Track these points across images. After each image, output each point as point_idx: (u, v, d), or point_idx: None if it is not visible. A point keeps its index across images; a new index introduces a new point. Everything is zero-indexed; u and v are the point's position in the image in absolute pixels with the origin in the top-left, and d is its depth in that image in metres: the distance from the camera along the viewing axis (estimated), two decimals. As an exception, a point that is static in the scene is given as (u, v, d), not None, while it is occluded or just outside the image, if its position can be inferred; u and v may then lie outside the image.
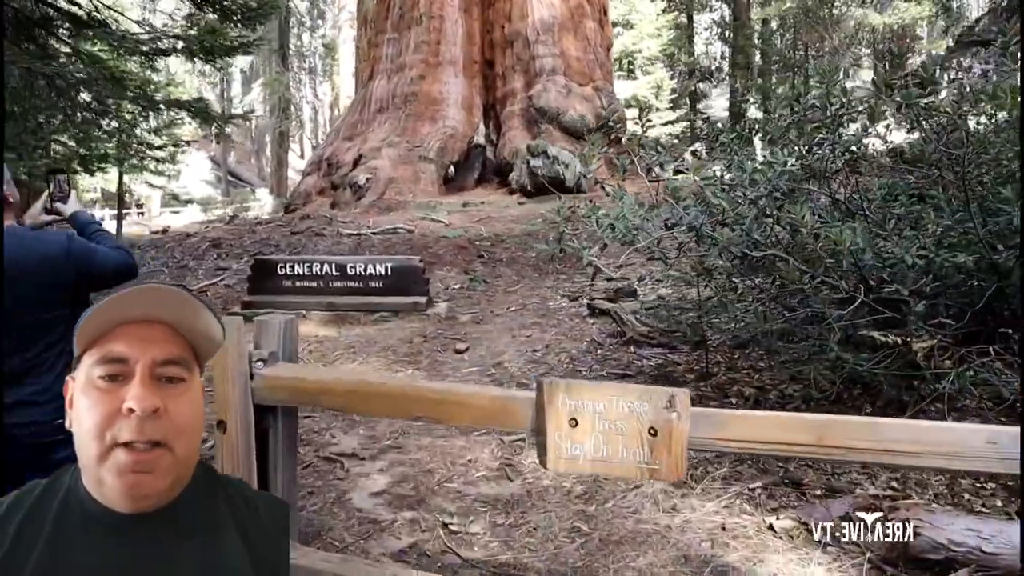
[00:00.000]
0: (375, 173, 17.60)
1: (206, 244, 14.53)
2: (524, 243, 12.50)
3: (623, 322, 7.03)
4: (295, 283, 8.99)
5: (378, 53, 21.04)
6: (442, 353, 7.20)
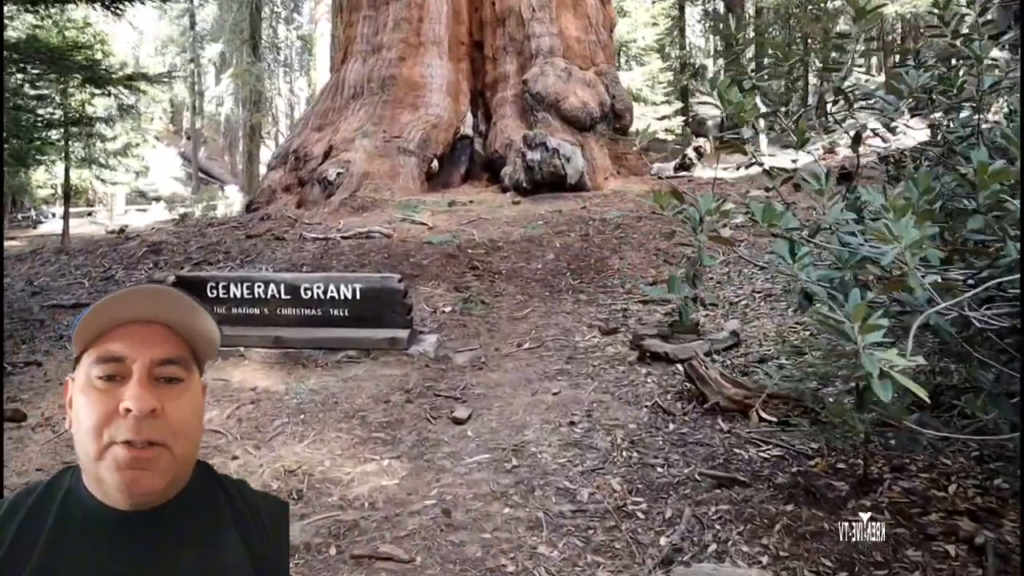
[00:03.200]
0: (347, 167, 15.21)
1: (144, 250, 12.12)
2: (526, 251, 10.21)
3: (703, 380, 4.77)
4: (231, 309, 6.65)
5: (352, 33, 18.62)
6: (434, 423, 4.92)
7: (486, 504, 3.75)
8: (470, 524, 3.56)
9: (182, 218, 21.15)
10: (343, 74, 18.08)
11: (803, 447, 4.09)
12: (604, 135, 16.65)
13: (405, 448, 4.51)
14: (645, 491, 3.82)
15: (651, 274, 8.97)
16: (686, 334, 6.08)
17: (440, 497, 3.83)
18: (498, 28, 17.74)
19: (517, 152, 15.20)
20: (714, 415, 4.65)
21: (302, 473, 4.17)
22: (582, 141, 15.79)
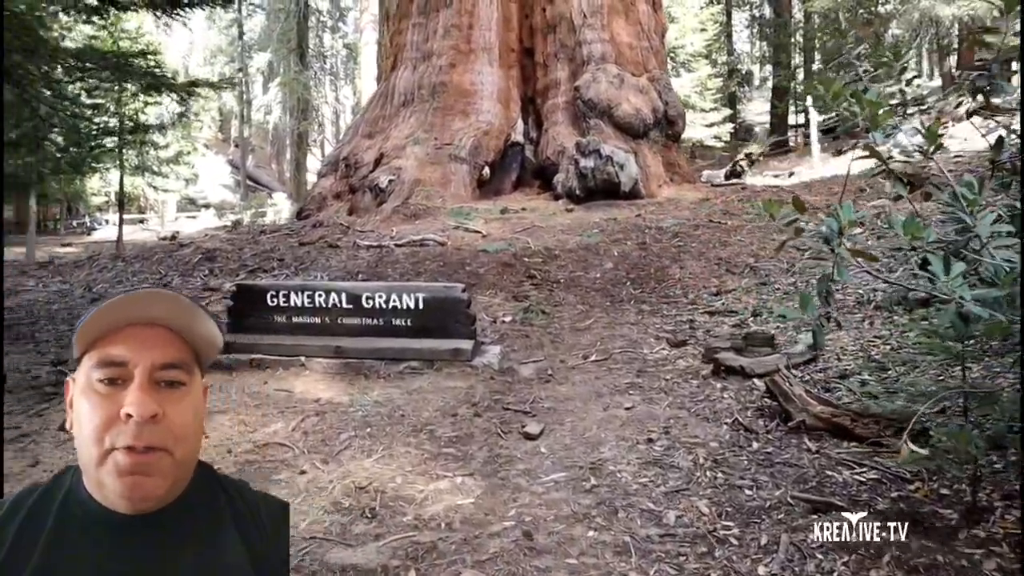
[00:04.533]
0: (399, 174, 15.18)
1: (199, 257, 12.20)
2: (583, 259, 10.04)
3: (787, 396, 4.54)
4: (291, 318, 6.57)
5: (401, 40, 18.63)
6: (504, 438, 4.76)
7: (568, 527, 3.57)
8: (554, 548, 3.38)
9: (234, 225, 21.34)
10: (393, 81, 18.09)
11: (900, 470, 3.85)
12: (657, 142, 16.42)
13: (477, 465, 4.35)
14: (735, 515, 3.61)
15: (714, 284, 8.74)
16: (760, 347, 5.85)
17: (519, 518, 3.66)
18: (549, 35, 17.61)
19: (569, 159, 15.04)
20: (799, 434, 4.42)
21: (373, 490, 4.03)
22: (635, 148, 15.58)
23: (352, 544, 3.45)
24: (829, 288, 2.26)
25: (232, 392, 5.78)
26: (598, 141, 14.82)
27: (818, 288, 2.29)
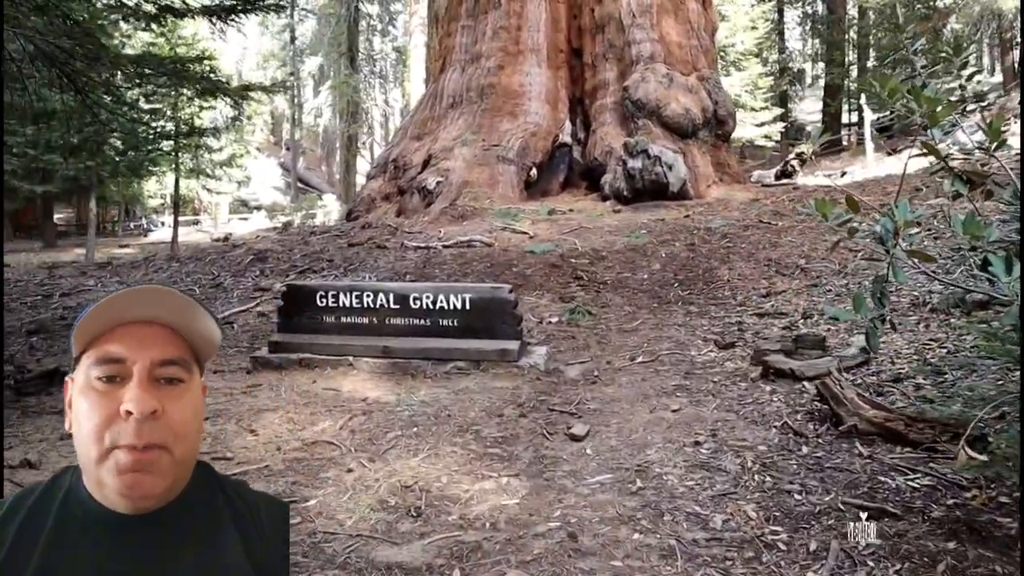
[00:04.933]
0: (447, 176, 15.26)
1: (250, 258, 12.39)
2: (631, 260, 9.97)
3: (838, 400, 4.45)
4: (339, 318, 6.64)
5: (450, 43, 18.73)
6: (550, 439, 4.74)
7: (613, 528, 3.54)
8: (599, 550, 3.36)
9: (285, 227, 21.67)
10: (441, 83, 18.19)
11: (956, 477, 3.74)
12: (706, 142, 16.25)
13: (523, 465, 4.34)
14: (784, 520, 3.55)
15: (763, 286, 8.60)
16: (811, 349, 5.75)
17: (564, 519, 3.65)
18: (597, 35, 17.55)
19: (617, 160, 14.96)
20: (850, 438, 4.33)
21: (419, 489, 4.05)
22: (684, 148, 15.44)
23: (398, 542, 3.46)
24: (884, 289, 2.20)
25: (282, 391, 5.86)
26: (646, 141, 14.72)
27: (872, 289, 2.23)
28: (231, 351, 7.55)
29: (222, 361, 7.15)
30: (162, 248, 20.27)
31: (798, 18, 52.72)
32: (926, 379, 5.22)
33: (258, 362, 6.63)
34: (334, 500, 3.92)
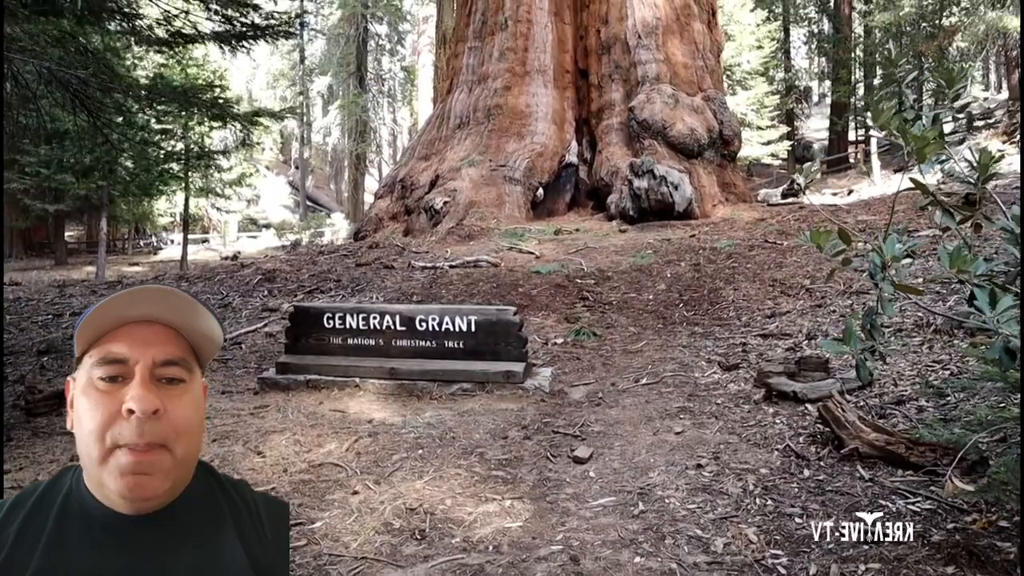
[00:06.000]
0: (453, 196, 15.37)
1: (259, 277, 12.48)
2: (636, 281, 10.02)
3: (839, 423, 4.49)
4: (346, 340, 6.71)
5: (458, 64, 18.90)
6: (554, 461, 4.78)
7: (615, 552, 3.58)
8: (600, 573, 3.40)
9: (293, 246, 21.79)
10: (449, 104, 18.33)
11: (957, 501, 3.77)
12: (712, 161, 16.33)
13: (526, 488, 4.38)
14: (784, 543, 3.58)
15: (768, 306, 8.64)
16: (814, 371, 5.78)
17: (566, 542, 3.69)
18: (603, 56, 17.68)
19: (623, 180, 15.05)
20: (852, 461, 4.36)
21: (423, 512, 4.09)
22: (690, 168, 15.51)
23: (402, 565, 3.51)
24: (873, 322, 2.25)
25: (289, 412, 5.91)
26: (652, 161, 14.80)
27: (863, 322, 2.28)
28: (239, 372, 7.62)
29: (230, 382, 7.22)
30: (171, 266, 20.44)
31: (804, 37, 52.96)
32: (928, 401, 5.25)
33: (266, 383, 6.70)
34: (339, 522, 3.97)
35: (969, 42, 29.31)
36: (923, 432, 4.49)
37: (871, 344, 2.26)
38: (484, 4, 18.50)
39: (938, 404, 5.20)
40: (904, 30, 37.21)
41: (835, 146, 41.82)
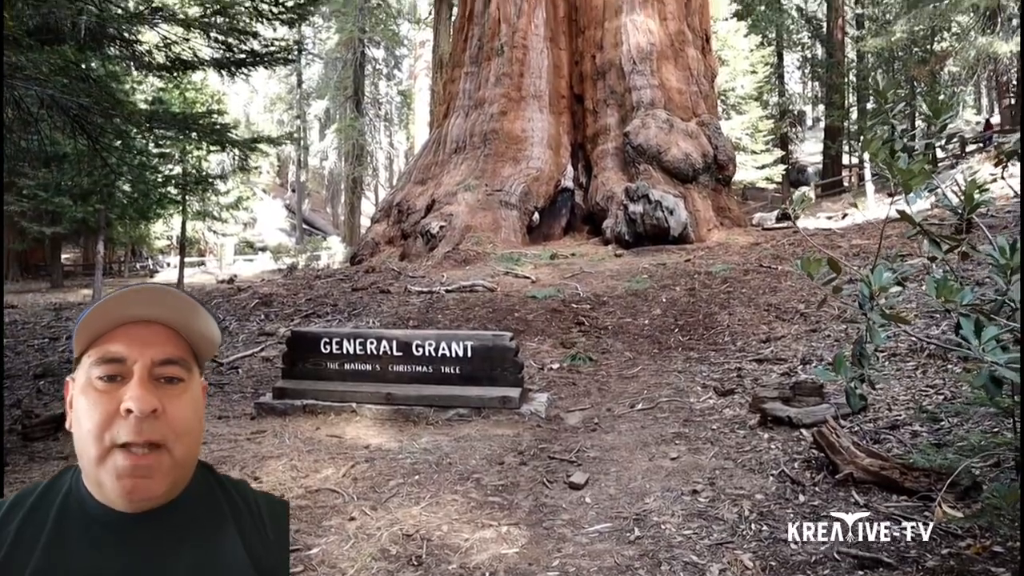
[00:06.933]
0: (450, 220, 15.44)
1: (255, 302, 12.50)
2: (631, 305, 10.06)
3: (834, 448, 4.51)
4: (343, 365, 6.73)
5: (454, 89, 19.06)
6: (550, 487, 4.80)
7: (611, 578, 3.60)
8: (596, 600, 3.42)
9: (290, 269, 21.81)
10: (445, 129, 18.46)
11: (951, 526, 3.79)
12: (707, 186, 16.45)
13: (522, 514, 4.40)
14: (780, 569, 3.60)
15: (763, 331, 8.68)
16: (809, 396, 5.81)
17: (563, 569, 3.70)
18: (599, 81, 17.84)
19: (619, 204, 15.14)
20: (847, 487, 4.38)
21: (420, 538, 4.11)
22: (684, 192, 15.62)
23: (398, 592, 3.52)
24: (864, 350, 2.29)
25: (285, 437, 5.92)
26: (647, 186, 14.90)
27: (853, 350, 2.32)
28: (235, 396, 7.63)
29: (227, 407, 7.23)
30: (168, 290, 20.38)
31: (797, 61, 53.43)
32: (922, 426, 5.28)
33: (262, 408, 6.71)
34: (336, 549, 3.98)
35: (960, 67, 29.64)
36: (917, 457, 4.52)
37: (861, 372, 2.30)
38: (480, 30, 18.68)
39: (932, 429, 5.24)
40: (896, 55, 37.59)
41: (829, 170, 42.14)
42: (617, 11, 17.72)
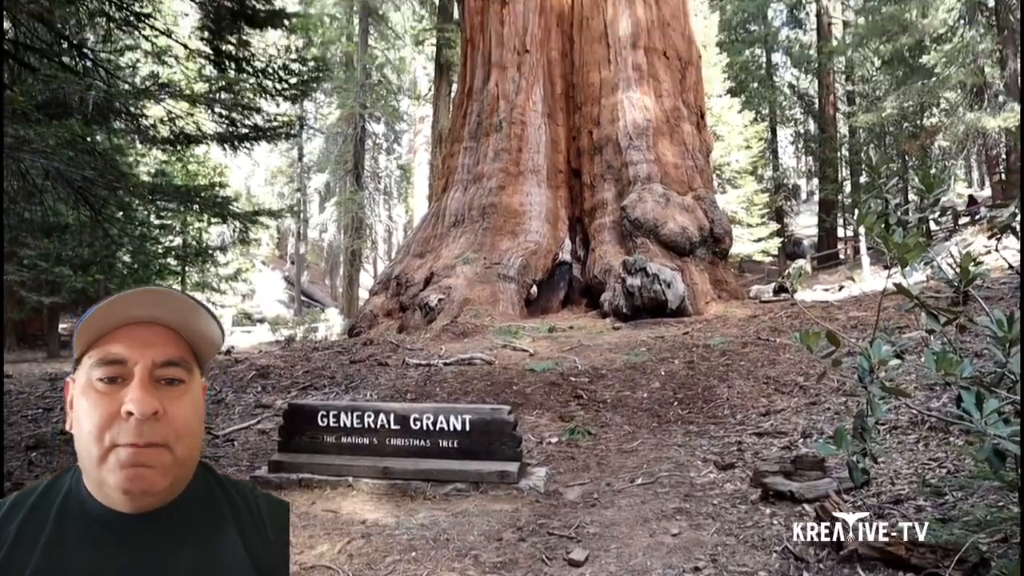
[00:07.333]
0: (448, 293, 15.49)
1: (252, 373, 12.45)
2: (630, 378, 10.03)
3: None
4: (340, 438, 6.67)
5: (453, 163, 19.35)
6: (549, 564, 4.71)
7: (613, 660, 3.51)
8: None
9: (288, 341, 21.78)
10: (444, 202, 18.67)
11: (959, 606, 3.72)
12: (704, 259, 16.56)
13: (521, 593, 4.31)
14: (785, 651, 3.51)
15: (762, 404, 8.63)
16: (810, 470, 5.75)
17: (563, 650, 3.61)
18: (595, 156, 18.13)
19: (616, 277, 15.22)
20: (852, 563, 4.30)
21: (417, 617, 4.02)
22: (682, 266, 15.72)
23: (394, 675, 3.42)
24: (865, 424, 2.29)
25: (280, 513, 5.82)
26: (644, 259, 15.01)
27: (854, 424, 2.32)
28: (231, 470, 7.52)
29: (221, 481, 7.12)
30: (164, 362, 20.32)
31: (791, 137, 54.44)
32: (927, 500, 5.21)
33: (258, 482, 6.60)
34: (331, 629, 3.88)
35: (951, 141, 30.19)
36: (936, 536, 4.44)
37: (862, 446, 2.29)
38: (480, 106, 19.06)
39: (936, 503, 5.17)
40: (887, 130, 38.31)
41: (825, 242, 42.52)
42: (613, 88, 18.13)
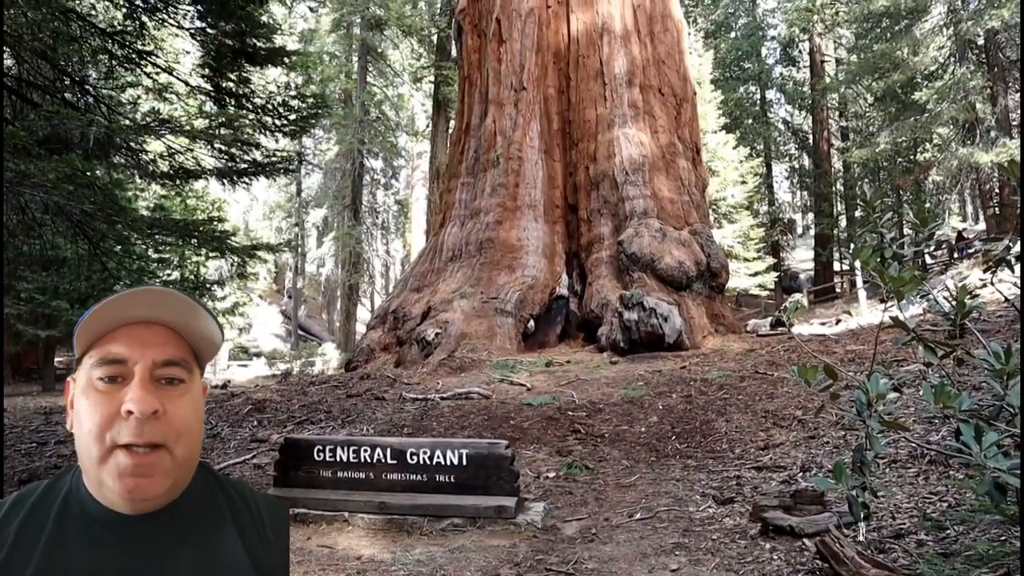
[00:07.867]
0: (445, 327, 15.48)
1: (248, 407, 12.39)
2: (628, 413, 9.99)
3: (838, 559, 4.41)
4: (336, 473, 6.62)
5: (451, 199, 19.45)
6: (547, 602, 4.65)
7: None
8: None
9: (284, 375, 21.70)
10: (442, 237, 18.73)
11: (961, 642, 3.68)
12: (701, 293, 16.60)
13: (519, 630, 4.26)
14: None
15: (760, 438, 8.60)
16: (810, 505, 5.71)
17: None
18: (592, 191, 18.23)
19: (613, 312, 15.23)
20: (853, 600, 4.26)
21: (413, 655, 3.96)
22: (679, 300, 15.75)
23: None
24: (864, 458, 2.28)
25: (275, 549, 5.76)
26: (641, 294, 15.03)
27: (853, 458, 2.31)
28: (225, 506, 7.46)
29: (216, 516, 7.05)
30: (160, 397, 20.21)
31: (786, 172, 54.81)
32: (928, 535, 5.18)
33: (252, 518, 6.55)
34: (326, 667, 3.83)
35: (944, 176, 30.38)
36: (924, 568, 4.42)
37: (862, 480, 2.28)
38: (477, 142, 19.21)
39: (938, 538, 5.13)
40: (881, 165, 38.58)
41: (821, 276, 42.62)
42: (610, 125, 18.29)
